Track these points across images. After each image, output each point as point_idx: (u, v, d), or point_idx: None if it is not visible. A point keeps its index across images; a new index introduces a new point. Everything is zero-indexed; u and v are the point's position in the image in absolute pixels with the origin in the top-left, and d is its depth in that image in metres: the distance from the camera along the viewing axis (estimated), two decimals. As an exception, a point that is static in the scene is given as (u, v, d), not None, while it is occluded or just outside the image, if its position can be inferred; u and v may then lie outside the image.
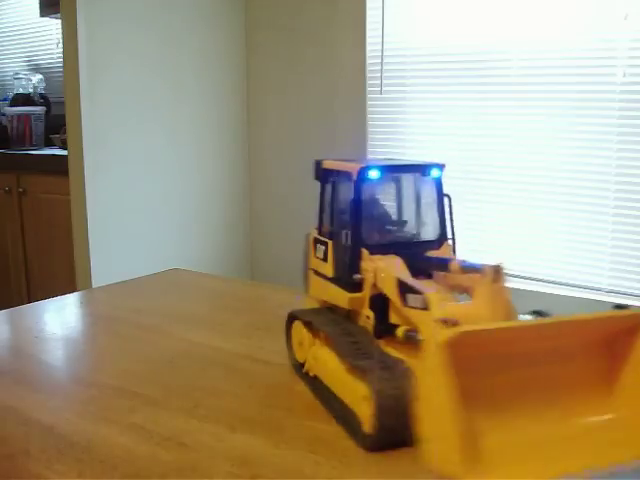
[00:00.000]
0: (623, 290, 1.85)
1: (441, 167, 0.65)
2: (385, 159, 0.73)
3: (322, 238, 0.68)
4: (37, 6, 2.83)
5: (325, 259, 0.66)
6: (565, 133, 1.94)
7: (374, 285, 0.60)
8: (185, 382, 0.69)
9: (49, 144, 2.78)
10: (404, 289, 0.56)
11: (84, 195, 2.08)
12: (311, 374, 0.66)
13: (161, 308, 0.96)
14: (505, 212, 2.08)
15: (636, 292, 1.85)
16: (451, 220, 0.66)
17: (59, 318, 0.95)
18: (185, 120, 2.39)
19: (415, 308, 0.54)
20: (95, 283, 2.08)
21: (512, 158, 2.05)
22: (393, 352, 0.58)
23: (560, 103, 1.93)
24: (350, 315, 0.65)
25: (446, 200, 0.66)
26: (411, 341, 0.56)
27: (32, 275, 2.52)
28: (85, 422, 0.60)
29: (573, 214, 1.95)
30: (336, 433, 0.58)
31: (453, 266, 0.57)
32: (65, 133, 2.18)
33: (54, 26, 2.99)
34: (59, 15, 2.12)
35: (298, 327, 0.70)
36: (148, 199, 2.27)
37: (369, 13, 2.26)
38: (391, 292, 0.58)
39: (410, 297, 0.55)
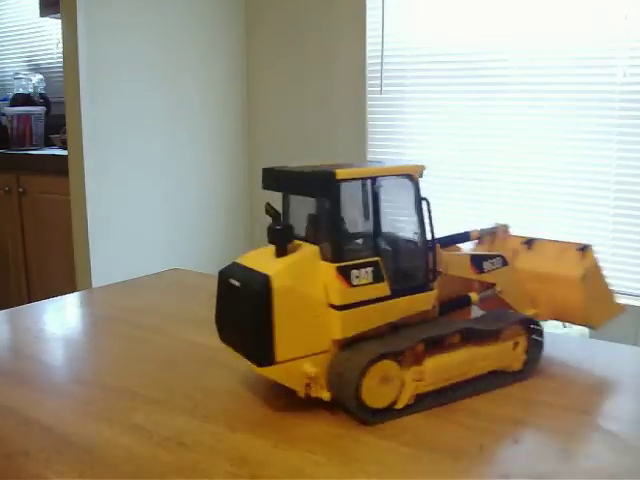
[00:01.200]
0: (623, 290, 1.85)
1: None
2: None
3: (361, 261, 0.59)
4: (37, 6, 2.84)
5: (379, 279, 0.60)
6: (565, 133, 1.94)
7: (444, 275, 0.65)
8: (185, 382, 0.69)
9: (49, 144, 2.78)
10: (478, 261, 0.68)
11: (84, 195, 2.08)
12: (410, 402, 0.61)
13: (161, 308, 0.96)
14: (504, 212, 2.08)
15: (636, 292, 1.85)
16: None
17: (59, 318, 0.95)
18: (185, 120, 2.39)
19: (496, 269, 0.68)
20: (95, 283, 2.09)
21: (512, 158, 2.05)
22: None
23: (560, 103, 1.94)
24: (394, 325, 0.63)
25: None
26: (486, 299, 0.69)
27: (32, 275, 2.52)
28: (85, 422, 0.60)
29: (573, 214, 1.95)
30: (336, 433, 0.58)
31: (473, 234, 0.75)
32: (65, 133, 2.19)
33: (54, 26, 2.99)
34: (59, 15, 2.12)
35: (381, 367, 0.59)
36: (148, 199, 2.27)
37: (369, 13, 2.27)
38: (465, 270, 0.67)
39: (487, 264, 0.68)
